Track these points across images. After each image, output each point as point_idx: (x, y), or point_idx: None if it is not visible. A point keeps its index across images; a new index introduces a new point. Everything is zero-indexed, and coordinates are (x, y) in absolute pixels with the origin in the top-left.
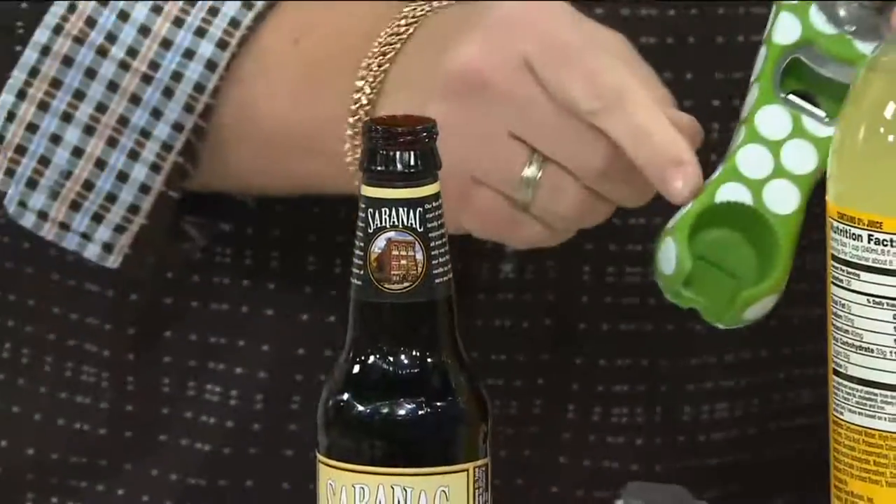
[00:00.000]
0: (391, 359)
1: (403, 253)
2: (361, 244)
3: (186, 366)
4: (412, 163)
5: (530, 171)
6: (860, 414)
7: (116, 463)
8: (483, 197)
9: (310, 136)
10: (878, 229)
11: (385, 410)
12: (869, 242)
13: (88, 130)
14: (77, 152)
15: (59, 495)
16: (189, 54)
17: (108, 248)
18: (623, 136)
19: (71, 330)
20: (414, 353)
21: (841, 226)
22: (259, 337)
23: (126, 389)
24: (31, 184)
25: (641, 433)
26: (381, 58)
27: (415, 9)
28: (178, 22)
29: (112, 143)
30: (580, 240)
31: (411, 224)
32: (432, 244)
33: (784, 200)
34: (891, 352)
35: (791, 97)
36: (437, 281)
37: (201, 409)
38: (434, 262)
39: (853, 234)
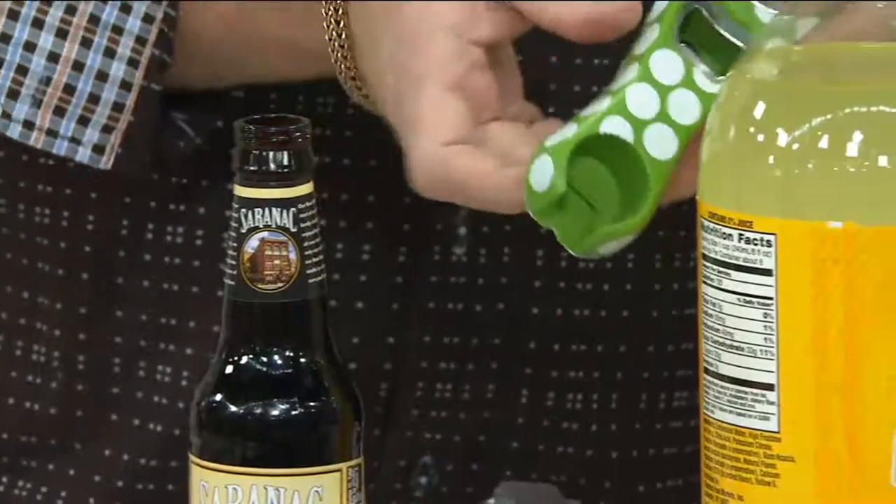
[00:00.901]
0: (264, 359)
1: (277, 253)
2: (234, 244)
3: (137, 346)
4: (285, 163)
5: None
6: (730, 412)
7: (67, 442)
8: None
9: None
10: (749, 228)
11: (258, 411)
12: (739, 241)
13: (61, 34)
14: (53, 57)
15: (10, 474)
16: None
17: (98, 149)
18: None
19: (22, 309)
20: (287, 353)
21: (711, 225)
22: (210, 318)
23: (77, 369)
24: (13, 94)
25: (596, 419)
26: None
27: None
28: None
29: (86, 43)
30: (534, 223)
31: (284, 224)
32: (306, 244)
33: (662, 146)
34: (761, 350)
35: (685, 46)
36: (310, 281)
37: (152, 390)
38: (308, 262)
39: (724, 233)
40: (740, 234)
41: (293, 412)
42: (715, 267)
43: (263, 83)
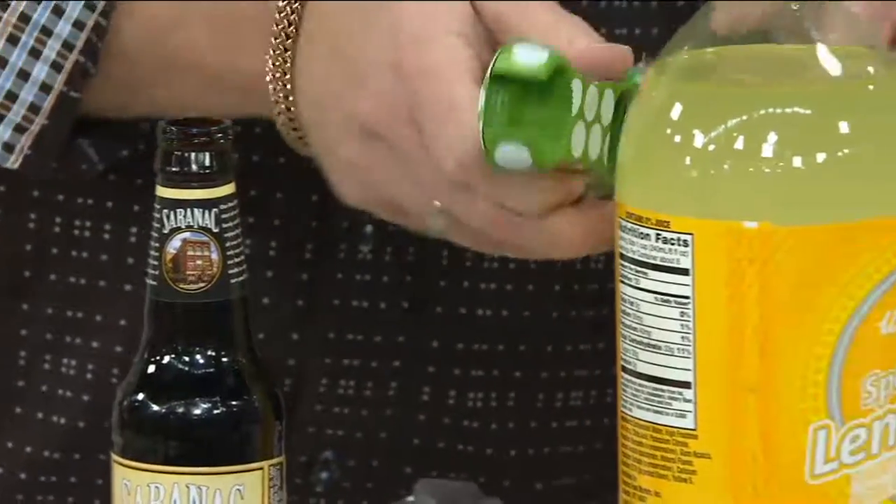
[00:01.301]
0: (186, 358)
1: (199, 253)
2: (156, 244)
3: (43, 339)
4: (207, 163)
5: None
6: (648, 410)
7: None
8: (411, 222)
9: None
10: (666, 228)
11: (180, 410)
12: (657, 241)
13: None
14: None
15: None
16: None
17: (8, 147)
18: None
19: None
20: (209, 352)
21: (629, 225)
22: (116, 311)
23: None
24: None
25: (495, 418)
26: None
27: None
28: None
29: (13, 40)
30: None
31: (206, 224)
32: (228, 244)
33: (576, 142)
34: (678, 348)
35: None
36: (232, 281)
37: (57, 383)
38: (230, 262)
39: (641, 233)
40: (657, 234)
41: (215, 411)
42: (632, 266)
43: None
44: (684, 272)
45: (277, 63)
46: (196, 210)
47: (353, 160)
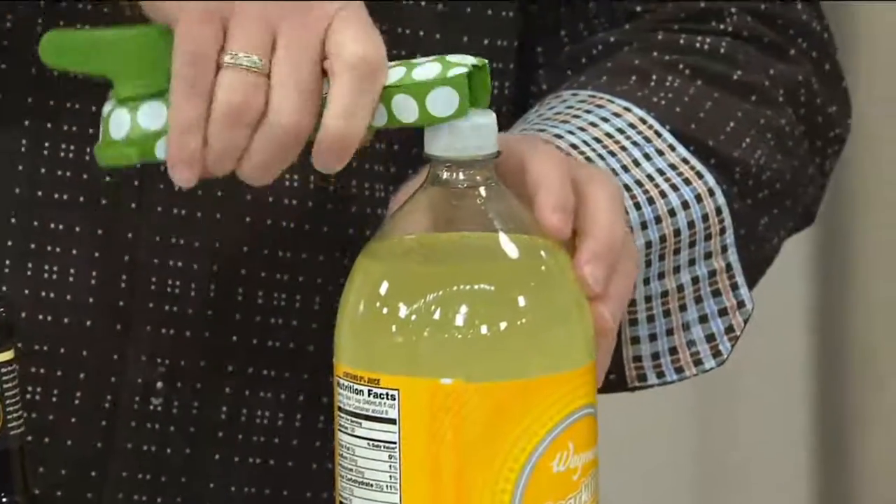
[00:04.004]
0: None
1: None
2: None
3: None
4: None
5: None
6: None
7: None
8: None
9: None
10: (377, 385)
11: None
12: (369, 396)
13: None
14: None
15: None
16: None
17: None
18: None
19: None
20: None
21: (346, 382)
22: None
23: None
24: None
25: None
26: None
27: None
28: None
29: None
30: (221, 384)
31: None
32: (8, 402)
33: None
34: (387, 485)
35: None
36: (11, 433)
37: None
38: (9, 416)
39: (356, 389)
40: (369, 390)
41: None
42: (348, 417)
43: None
44: (392, 422)
45: None
46: None
47: None
